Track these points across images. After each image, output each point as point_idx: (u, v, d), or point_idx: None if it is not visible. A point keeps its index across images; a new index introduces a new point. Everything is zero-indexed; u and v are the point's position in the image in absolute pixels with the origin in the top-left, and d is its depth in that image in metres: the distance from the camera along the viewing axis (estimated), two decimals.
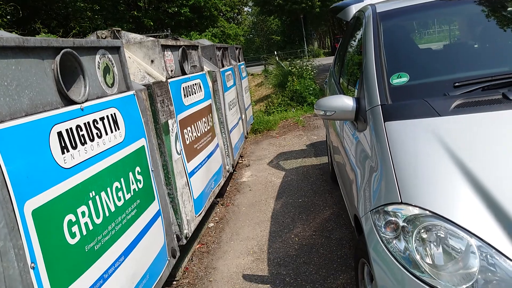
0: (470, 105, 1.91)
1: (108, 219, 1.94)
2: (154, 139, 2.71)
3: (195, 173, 3.38)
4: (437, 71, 2.40)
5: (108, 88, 2.19)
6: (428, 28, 3.49)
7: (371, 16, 2.80)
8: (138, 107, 2.45)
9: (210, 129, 4.04)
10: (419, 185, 1.69)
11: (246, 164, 6.29)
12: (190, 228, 3.10)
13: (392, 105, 2.11)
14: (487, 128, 1.80)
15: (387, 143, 1.91)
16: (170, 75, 3.14)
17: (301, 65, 13.38)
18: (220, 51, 5.23)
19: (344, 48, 3.79)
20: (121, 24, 13.42)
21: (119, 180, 2.09)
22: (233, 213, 4.43)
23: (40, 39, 1.66)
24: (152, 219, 2.43)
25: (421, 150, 1.80)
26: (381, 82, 2.25)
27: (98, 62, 2.12)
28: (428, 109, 1.96)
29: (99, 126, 1.99)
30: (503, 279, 1.41)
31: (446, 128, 1.84)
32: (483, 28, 2.80)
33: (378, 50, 2.46)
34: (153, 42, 2.95)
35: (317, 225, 3.84)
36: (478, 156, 1.69)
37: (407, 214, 1.64)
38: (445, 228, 1.54)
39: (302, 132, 8.06)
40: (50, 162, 1.59)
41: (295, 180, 5.19)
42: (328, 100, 2.48)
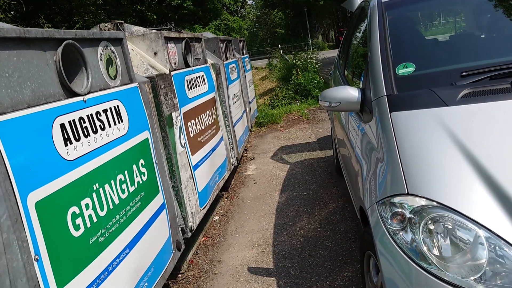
0: (478, 95, 1.88)
1: (112, 212, 1.93)
2: (158, 131, 2.69)
3: (200, 166, 3.37)
4: (443, 61, 2.36)
5: (111, 80, 2.18)
6: (434, 18, 3.44)
7: (376, 6, 2.76)
8: (141, 99, 2.43)
9: (214, 122, 4.02)
10: (426, 176, 1.67)
11: (250, 157, 6.28)
12: (195, 221, 3.10)
13: (398, 95, 2.08)
14: (495, 118, 1.77)
15: (393, 134, 1.88)
16: (174, 68, 3.12)
17: (306, 58, 13.32)
18: (223, 44, 5.20)
19: (349, 39, 3.75)
20: (124, 18, 13.38)
21: (123, 173, 2.08)
22: (238, 206, 4.42)
23: (41, 30, 1.64)
24: (156, 211, 2.42)
25: (428, 140, 1.78)
26: (387, 73, 2.22)
27: (100, 53, 2.10)
28: (435, 99, 1.93)
29: (102, 118, 1.98)
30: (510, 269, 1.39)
31: (454, 118, 1.81)
32: (489, 17, 2.75)
33: (384, 40, 2.43)
34: (156, 34, 2.92)
35: (322, 218, 3.82)
36: (487, 146, 1.67)
37: (414, 205, 1.62)
38: (452, 219, 1.52)
39: (306, 125, 8.02)
40: (53, 154, 1.58)
41: (300, 173, 5.17)
42: (333, 91, 2.45)
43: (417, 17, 2.99)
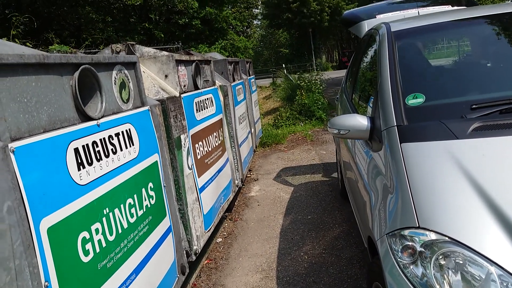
0: (488, 129, 1.89)
1: (121, 236, 1.93)
2: (167, 154, 2.70)
3: (206, 188, 3.37)
4: (453, 92, 2.38)
5: (124, 103, 2.20)
6: (443, 48, 3.48)
7: (386, 35, 2.80)
8: (152, 122, 2.45)
9: (221, 144, 4.04)
10: (436, 209, 1.66)
11: (254, 178, 6.27)
12: (199, 244, 3.08)
13: (408, 126, 2.09)
14: (506, 153, 1.78)
15: (404, 165, 1.89)
16: (183, 90, 3.15)
17: (310, 79, 13.42)
18: (231, 66, 5.25)
19: (357, 65, 3.78)
20: (132, 35, 13.55)
21: (132, 196, 2.08)
22: (242, 228, 4.40)
23: (59, 56, 1.67)
24: (163, 235, 2.42)
25: (439, 173, 1.78)
26: (397, 103, 2.24)
27: (114, 77, 2.13)
28: (445, 131, 1.94)
29: (114, 142, 1.99)
30: None
31: (464, 152, 1.82)
32: (498, 48, 2.78)
33: (394, 70, 2.45)
34: (168, 57, 2.96)
35: (326, 243, 3.80)
36: (497, 181, 1.67)
37: (425, 239, 1.61)
38: (464, 255, 1.51)
39: (310, 146, 8.04)
40: (66, 179, 1.58)
41: (304, 196, 5.16)
42: (342, 119, 2.47)
43: (426, 45, 3.02)
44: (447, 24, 2.90)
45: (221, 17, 14.94)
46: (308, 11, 37.21)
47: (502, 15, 2.81)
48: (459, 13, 3.00)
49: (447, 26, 2.96)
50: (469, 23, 2.90)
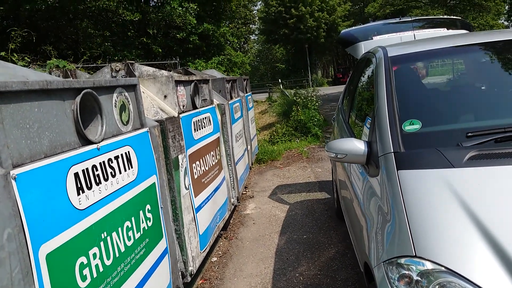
0: (484, 158, 1.92)
1: (118, 260, 1.92)
2: (165, 175, 2.71)
3: (202, 207, 3.37)
4: (449, 119, 2.42)
5: (123, 126, 2.21)
6: (439, 73, 3.54)
7: (383, 59, 2.84)
8: (151, 144, 2.46)
9: (218, 162, 4.05)
10: (433, 238, 1.68)
11: (250, 196, 6.27)
12: (195, 265, 3.07)
13: (405, 153, 2.11)
14: (501, 183, 1.80)
15: (401, 192, 1.91)
16: (182, 110, 3.17)
17: (306, 95, 13.52)
18: (229, 84, 5.29)
19: (354, 87, 3.83)
20: (129, 50, 13.62)
21: (130, 219, 2.09)
22: (237, 248, 4.38)
23: (62, 81, 1.69)
24: (159, 257, 2.41)
25: (436, 202, 1.80)
26: (394, 128, 2.27)
27: (115, 100, 2.15)
28: (441, 159, 1.97)
29: (113, 165, 2.00)
30: None
31: (460, 181, 1.84)
32: (493, 75, 2.84)
33: (391, 95, 2.49)
34: (167, 78, 2.99)
35: (322, 264, 3.79)
36: (493, 211, 1.69)
37: (421, 268, 1.62)
38: (460, 285, 1.52)
39: (306, 163, 8.06)
40: (66, 204, 1.59)
41: (300, 215, 5.16)
42: (340, 143, 2.50)
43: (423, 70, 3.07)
44: (443, 50, 2.96)
45: (219, 33, 15.08)
46: (305, 27, 37.69)
47: (496, 43, 2.87)
48: (455, 40, 3.06)
49: (444, 52, 3.02)
50: (465, 49, 2.96)
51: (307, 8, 37.34)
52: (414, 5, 39.94)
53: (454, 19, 5.41)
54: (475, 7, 37.30)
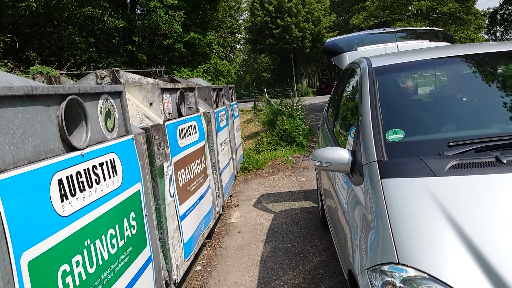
0: (464, 167, 1.96)
1: (101, 268, 1.90)
2: (149, 182, 2.70)
3: (187, 216, 3.35)
4: (431, 129, 2.47)
5: (109, 132, 2.20)
6: (422, 84, 3.61)
7: (367, 70, 2.89)
8: (136, 151, 2.45)
9: (203, 171, 4.04)
10: (416, 246, 1.71)
11: (235, 204, 6.25)
12: (179, 274, 3.04)
13: (388, 162, 2.15)
14: (481, 191, 1.84)
15: (384, 200, 1.94)
16: (168, 118, 3.17)
17: (291, 104, 13.61)
18: (215, 92, 5.30)
19: (338, 96, 3.88)
20: (114, 57, 13.53)
21: (114, 227, 2.07)
22: (221, 256, 4.36)
23: (47, 87, 1.67)
24: (143, 265, 2.39)
25: (418, 210, 1.83)
26: (377, 138, 2.30)
27: (100, 107, 2.14)
28: (424, 168, 2.01)
29: (98, 172, 1.98)
30: None
31: (442, 189, 1.88)
32: (474, 86, 2.91)
33: (374, 105, 2.53)
34: (153, 85, 2.99)
35: (306, 273, 3.80)
36: (473, 219, 1.72)
37: (404, 275, 1.65)
38: None
39: (291, 172, 8.09)
40: (49, 211, 1.57)
41: (284, 223, 5.17)
42: (324, 152, 2.53)
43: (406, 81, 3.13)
44: (426, 62, 3.02)
45: (205, 42, 15.10)
46: (290, 37, 38.02)
47: (477, 55, 2.95)
48: (437, 52, 3.12)
49: (426, 64, 3.08)
50: (447, 61, 3.03)
51: (293, 19, 37.72)
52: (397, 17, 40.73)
53: (437, 31, 5.54)
54: (456, 21, 38.21)
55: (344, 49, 4.95)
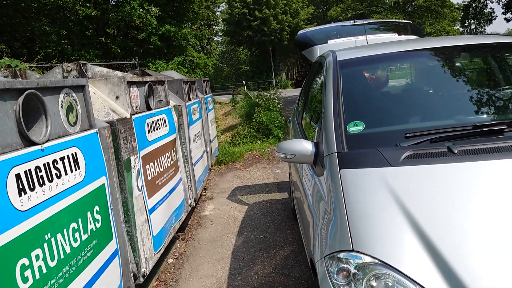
0: (418, 157, 2.04)
1: (63, 262, 1.91)
2: (115, 176, 2.70)
3: (156, 209, 3.37)
4: (390, 121, 2.54)
5: (71, 126, 2.20)
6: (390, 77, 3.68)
7: (332, 63, 2.95)
8: (100, 145, 2.45)
9: (174, 164, 4.05)
10: (369, 234, 1.78)
11: (209, 197, 6.28)
12: (148, 266, 3.06)
13: (347, 153, 2.21)
14: (432, 180, 1.92)
15: (342, 191, 2.00)
16: (135, 111, 3.17)
17: (268, 97, 13.67)
18: (187, 85, 5.29)
19: (307, 90, 3.94)
20: (88, 49, 13.27)
21: (76, 221, 2.07)
22: (194, 249, 4.40)
23: (3, 82, 1.67)
24: (109, 259, 2.40)
25: (373, 199, 1.90)
26: (338, 130, 2.36)
27: (61, 101, 2.13)
28: (380, 158, 2.08)
29: (59, 166, 1.98)
30: None
31: (396, 179, 1.95)
32: (435, 79, 3.00)
33: (337, 98, 2.59)
34: (119, 79, 2.98)
35: (277, 263, 3.87)
36: (423, 206, 1.80)
37: (358, 262, 1.71)
38: (393, 276, 1.62)
39: (266, 165, 8.15)
40: (6, 205, 1.57)
41: (258, 215, 5.23)
42: (289, 144, 2.58)
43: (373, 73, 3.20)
44: (390, 55, 3.10)
45: (180, 35, 14.96)
46: (269, 29, 38.00)
47: (440, 48, 3.03)
48: (401, 45, 3.20)
49: (390, 57, 3.16)
50: (410, 54, 3.11)
51: (271, 11, 37.68)
52: (374, 10, 41.15)
53: (406, 24, 5.64)
54: (432, 13, 38.84)
55: (315, 42, 5.00)
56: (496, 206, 1.75)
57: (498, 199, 1.78)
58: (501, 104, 2.60)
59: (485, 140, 2.13)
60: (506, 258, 1.56)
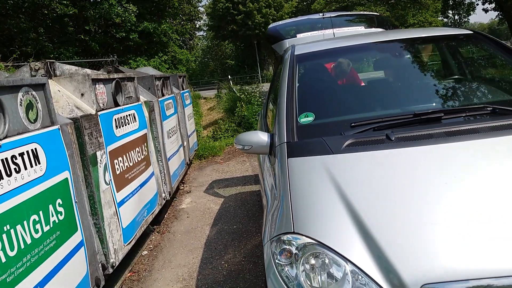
0: (358, 144, 2.17)
1: (23, 251, 2.01)
2: (80, 171, 2.80)
3: (125, 202, 3.47)
4: (339, 112, 2.68)
5: (31, 123, 2.29)
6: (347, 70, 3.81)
7: (289, 57, 3.08)
8: (62, 141, 2.55)
9: (145, 158, 4.15)
10: (309, 217, 1.91)
11: (187, 191, 6.40)
12: (117, 257, 3.18)
13: (295, 143, 2.34)
14: (369, 166, 2.06)
15: (288, 177, 2.13)
16: (101, 108, 3.26)
17: (250, 91, 13.77)
18: (160, 81, 5.38)
19: (272, 84, 4.06)
20: (67, 47, 13.23)
21: (37, 213, 2.18)
22: (168, 241, 4.51)
23: None
24: (74, 249, 2.51)
25: (314, 184, 2.03)
26: (290, 121, 2.49)
27: (20, 99, 2.22)
28: (324, 147, 2.21)
29: (18, 161, 2.08)
30: None
31: (336, 165, 2.09)
32: (386, 71, 3.15)
33: (291, 90, 2.72)
34: (84, 76, 3.06)
35: (247, 251, 4.00)
36: (359, 191, 1.93)
37: (299, 243, 1.85)
38: (326, 254, 1.76)
39: (246, 158, 8.27)
40: None
41: (233, 207, 5.36)
42: (247, 135, 2.71)
43: (325, 69, 3.33)
44: (345, 49, 3.23)
45: (160, 31, 14.97)
46: (253, 23, 37.98)
47: (396, 41, 3.16)
48: (359, 39, 3.32)
49: (345, 51, 3.29)
50: (364, 47, 3.24)
51: (255, 4, 37.66)
52: (357, 2, 41.31)
53: (372, 16, 5.76)
54: (415, 4, 39.14)
55: (284, 36, 5.10)
56: (425, 188, 1.89)
57: (427, 182, 1.92)
58: (443, 94, 2.76)
59: (424, 128, 2.28)
60: (433, 238, 1.68)
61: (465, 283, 1.54)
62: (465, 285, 1.53)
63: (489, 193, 1.78)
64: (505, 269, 1.52)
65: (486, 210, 1.70)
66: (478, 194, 1.78)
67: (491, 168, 1.92)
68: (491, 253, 1.57)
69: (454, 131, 2.15)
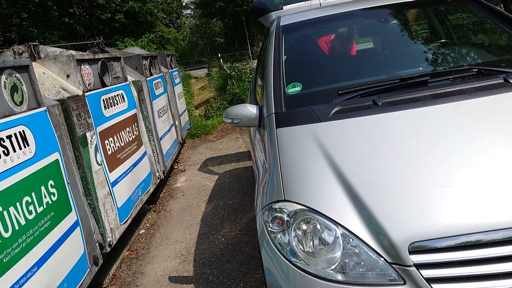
0: (345, 111, 2.18)
1: (18, 232, 2.03)
2: (70, 152, 2.80)
3: (119, 182, 3.48)
4: (326, 81, 2.68)
5: (16, 106, 2.28)
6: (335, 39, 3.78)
7: (275, 29, 3.05)
8: (50, 122, 2.54)
9: (136, 138, 4.15)
10: (299, 184, 1.94)
11: (181, 170, 6.42)
12: (114, 236, 3.21)
13: (284, 113, 2.35)
14: (356, 132, 2.08)
15: (277, 147, 2.15)
16: (88, 88, 3.23)
17: (240, 68, 13.67)
18: (147, 60, 5.32)
19: (260, 57, 4.04)
20: (52, 31, 12.99)
21: (29, 195, 2.19)
22: (165, 219, 4.56)
23: None
24: (69, 229, 2.53)
25: (303, 153, 2.05)
26: (277, 92, 2.49)
27: (4, 82, 2.20)
28: (312, 115, 2.22)
29: (6, 144, 2.08)
30: (361, 260, 1.68)
31: (324, 132, 2.10)
32: (373, 38, 3.13)
33: (278, 61, 2.71)
34: (68, 57, 3.03)
35: (243, 225, 4.06)
36: (348, 157, 1.96)
37: (290, 209, 1.88)
38: (317, 219, 1.79)
39: (239, 135, 8.28)
40: None
41: (227, 183, 5.40)
42: (235, 109, 2.70)
43: (311, 39, 3.30)
44: (330, 17, 3.21)
45: (145, 10, 14.72)
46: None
47: (381, 7, 3.13)
48: (345, 6, 3.29)
49: (331, 19, 3.26)
50: (350, 14, 3.21)
51: None
52: None
53: None
54: None
55: (270, 8, 5.03)
56: (412, 151, 1.91)
57: (414, 144, 1.94)
58: (430, 58, 2.76)
59: (410, 92, 2.28)
60: (421, 198, 1.71)
61: (454, 239, 1.57)
62: (454, 241, 1.57)
63: (475, 152, 1.81)
64: (494, 223, 1.55)
65: (472, 168, 1.73)
66: (463, 153, 1.81)
67: (476, 127, 1.95)
68: (479, 208, 1.60)
69: (440, 93, 2.16)
